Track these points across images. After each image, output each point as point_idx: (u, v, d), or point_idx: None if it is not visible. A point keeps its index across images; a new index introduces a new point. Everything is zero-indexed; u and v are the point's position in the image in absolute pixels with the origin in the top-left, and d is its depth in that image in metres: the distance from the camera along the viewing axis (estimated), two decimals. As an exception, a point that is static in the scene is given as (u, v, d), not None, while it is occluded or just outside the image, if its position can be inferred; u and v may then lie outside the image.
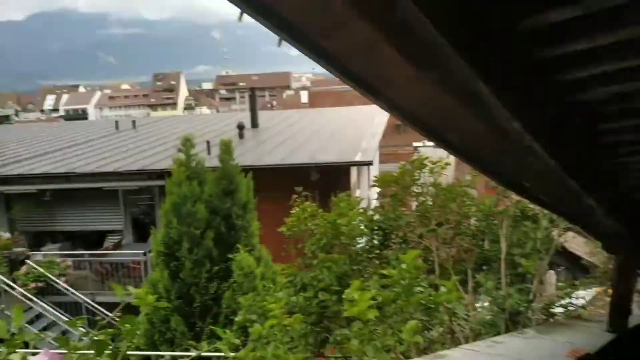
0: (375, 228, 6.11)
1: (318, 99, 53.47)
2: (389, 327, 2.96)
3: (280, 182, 11.06)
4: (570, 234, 6.27)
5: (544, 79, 1.12)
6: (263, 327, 3.89)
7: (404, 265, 2.94)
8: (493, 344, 2.61)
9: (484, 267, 5.63)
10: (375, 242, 6.12)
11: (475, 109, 1.02)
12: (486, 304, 5.34)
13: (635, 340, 3.23)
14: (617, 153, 1.71)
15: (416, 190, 5.54)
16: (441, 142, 1.58)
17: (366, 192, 16.05)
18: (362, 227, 5.85)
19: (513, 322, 4.99)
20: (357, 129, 18.56)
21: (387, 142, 27.29)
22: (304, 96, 70.08)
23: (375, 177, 6.87)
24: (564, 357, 2.27)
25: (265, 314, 4.67)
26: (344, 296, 2.85)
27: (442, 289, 3.37)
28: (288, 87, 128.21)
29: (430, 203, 5.32)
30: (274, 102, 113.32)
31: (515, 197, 4.32)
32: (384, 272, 3.10)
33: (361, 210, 6.26)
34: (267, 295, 5.65)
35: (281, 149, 16.37)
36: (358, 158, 14.15)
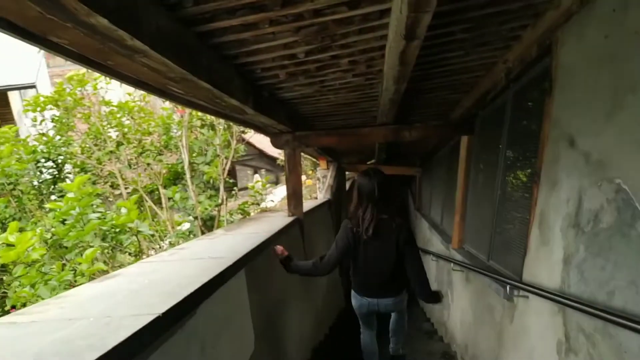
0: (42, 160, 5.84)
1: None
2: (66, 261, 3.30)
3: None
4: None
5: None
6: None
7: (70, 195, 3.25)
8: (175, 252, 2.71)
9: (177, 182, 6.57)
10: (47, 176, 5.90)
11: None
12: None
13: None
14: (254, 76, 2.63)
15: (83, 111, 5.57)
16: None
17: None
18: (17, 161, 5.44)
19: (208, 227, 6.28)
20: None
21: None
22: None
23: (26, 100, 6.27)
24: (245, 246, 2.65)
25: None
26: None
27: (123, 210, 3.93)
28: None
29: (105, 123, 5.53)
30: None
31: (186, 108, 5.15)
32: (49, 205, 3.31)
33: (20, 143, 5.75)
34: None
35: None
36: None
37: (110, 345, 1.17)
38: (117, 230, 3.97)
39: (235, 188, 7.24)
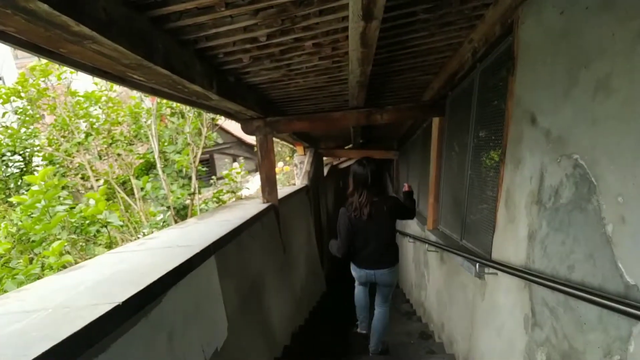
0: (8, 153, 5.68)
1: None
2: (34, 255, 3.24)
3: None
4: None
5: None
6: None
7: (35, 187, 3.17)
8: (144, 241, 2.70)
9: (149, 172, 6.48)
10: (14, 170, 5.74)
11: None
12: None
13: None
14: (217, 61, 2.58)
15: (48, 103, 5.40)
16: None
17: None
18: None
19: (181, 216, 6.23)
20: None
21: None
22: None
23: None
24: (216, 233, 2.69)
25: None
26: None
27: (91, 201, 3.86)
28: None
29: (71, 114, 5.38)
30: None
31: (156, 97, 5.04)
32: (13, 199, 3.23)
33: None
34: None
35: None
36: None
37: (65, 335, 1.16)
38: (88, 222, 3.91)
39: (213, 177, 7.17)
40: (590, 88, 1.53)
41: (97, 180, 5.77)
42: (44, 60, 5.23)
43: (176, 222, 5.71)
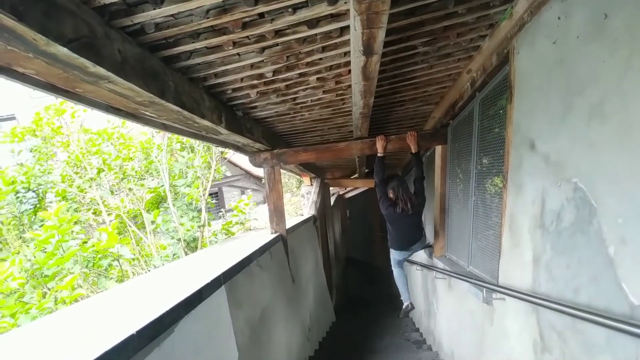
0: (22, 190, 5.78)
1: None
2: (47, 289, 3.26)
3: None
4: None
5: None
6: None
7: (49, 223, 3.23)
8: (154, 273, 2.78)
9: (160, 206, 6.54)
10: (27, 206, 5.83)
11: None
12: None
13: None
14: (225, 96, 2.68)
15: (62, 140, 5.54)
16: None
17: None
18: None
19: (191, 248, 6.25)
20: None
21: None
22: None
23: (4, 132, 6.25)
24: (225, 264, 2.74)
25: None
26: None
27: (104, 236, 3.91)
28: None
29: (84, 151, 5.51)
30: None
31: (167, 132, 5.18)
32: (29, 234, 3.28)
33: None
34: None
35: None
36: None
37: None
38: (100, 256, 3.94)
39: (222, 210, 7.22)
40: (585, 114, 1.58)
41: (108, 214, 5.84)
42: (59, 100, 5.41)
43: (186, 254, 5.72)
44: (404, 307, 4.76)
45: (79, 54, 1.28)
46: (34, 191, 5.85)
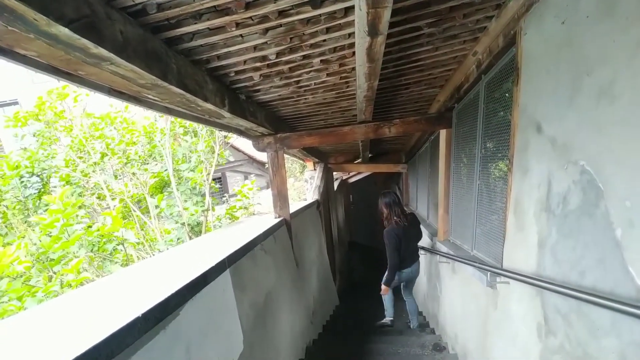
0: (27, 175, 5.80)
1: None
2: (53, 273, 3.29)
3: None
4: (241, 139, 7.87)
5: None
6: None
7: (54, 207, 3.24)
8: (159, 257, 2.78)
9: (164, 190, 6.56)
10: (32, 191, 5.86)
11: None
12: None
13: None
14: (228, 79, 2.65)
15: (65, 125, 5.54)
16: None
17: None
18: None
19: (195, 232, 6.29)
20: None
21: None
22: None
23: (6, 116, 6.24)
24: (229, 248, 2.74)
25: None
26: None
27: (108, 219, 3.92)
28: None
29: (87, 135, 5.51)
30: None
31: (169, 116, 5.16)
32: (34, 218, 3.30)
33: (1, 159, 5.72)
34: None
35: None
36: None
37: (91, 344, 1.19)
38: (105, 240, 3.97)
39: (225, 195, 7.23)
40: (593, 95, 1.55)
41: (112, 199, 5.86)
42: (61, 84, 5.39)
43: (190, 238, 5.75)
44: (384, 320, 5.19)
45: (80, 34, 1.27)
46: (38, 175, 5.86)
